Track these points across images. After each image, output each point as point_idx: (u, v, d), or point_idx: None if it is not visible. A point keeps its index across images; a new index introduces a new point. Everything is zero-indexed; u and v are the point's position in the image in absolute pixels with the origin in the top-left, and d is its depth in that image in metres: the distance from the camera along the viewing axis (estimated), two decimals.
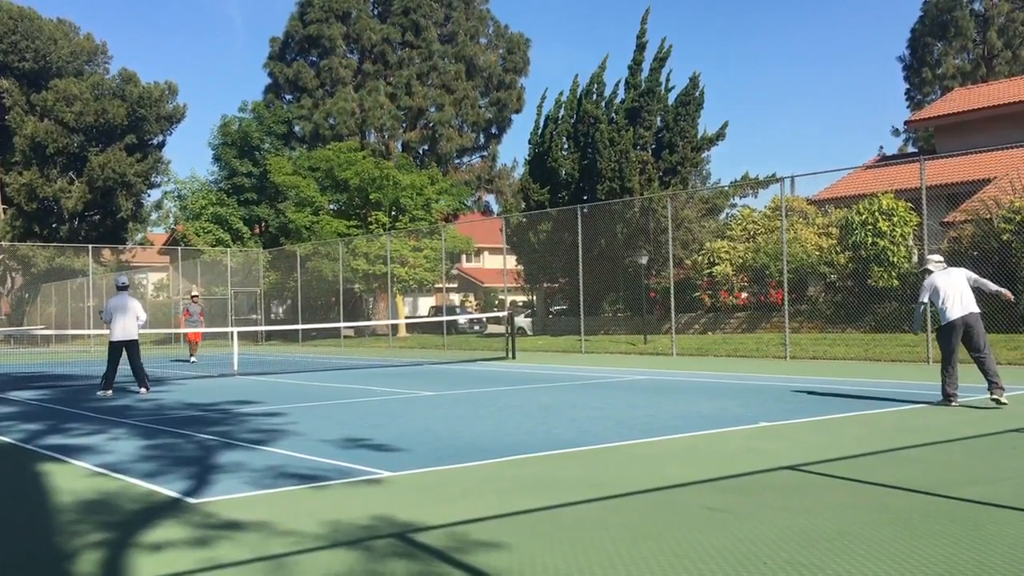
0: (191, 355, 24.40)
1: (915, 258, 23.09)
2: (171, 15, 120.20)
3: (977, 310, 9.96)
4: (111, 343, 14.11)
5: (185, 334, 24.55)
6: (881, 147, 59.93)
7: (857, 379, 13.87)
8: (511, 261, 34.74)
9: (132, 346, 14.06)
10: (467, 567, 4.16)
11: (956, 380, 9.98)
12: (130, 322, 14.04)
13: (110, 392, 13.83)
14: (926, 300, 10.23)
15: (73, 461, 7.55)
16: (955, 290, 9.97)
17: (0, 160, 51.85)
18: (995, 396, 9.69)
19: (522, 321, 34.93)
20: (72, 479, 6.72)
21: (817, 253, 25.60)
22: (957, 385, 9.99)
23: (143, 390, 13.97)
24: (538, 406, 11.00)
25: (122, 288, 14.37)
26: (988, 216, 21.46)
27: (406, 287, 38.49)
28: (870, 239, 22.92)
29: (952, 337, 9.92)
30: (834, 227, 25.95)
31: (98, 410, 11.73)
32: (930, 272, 10.27)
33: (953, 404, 9.89)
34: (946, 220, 24.18)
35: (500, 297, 45.49)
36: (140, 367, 14.15)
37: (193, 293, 25.61)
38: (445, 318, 31.51)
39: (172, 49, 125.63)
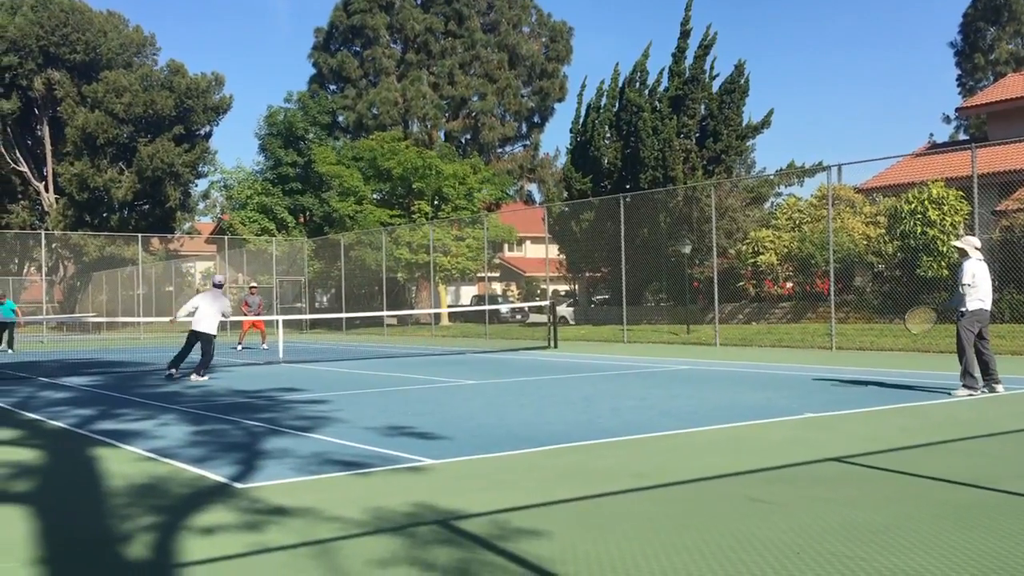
0: (239, 342, 25.17)
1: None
2: (217, 6, 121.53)
3: None
4: (191, 331, 14.62)
5: (241, 324, 25.31)
6: (931, 134, 58.80)
7: (905, 370, 13.67)
8: (553, 250, 34.70)
9: (206, 338, 14.51)
10: (509, 554, 4.19)
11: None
12: (213, 317, 14.48)
13: (174, 372, 14.38)
14: (970, 283, 10.21)
15: (124, 446, 7.72)
16: (987, 281, 10.30)
17: (52, 151, 52.93)
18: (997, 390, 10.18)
19: (564, 310, 34.91)
20: (124, 463, 6.87)
21: (864, 242, 25.23)
22: None
23: (195, 376, 14.25)
24: (580, 395, 11.00)
25: (217, 286, 15.14)
26: None
27: (448, 276, 38.64)
28: (919, 228, 22.52)
29: (981, 323, 10.15)
30: (882, 216, 25.55)
31: (148, 396, 11.96)
32: (968, 256, 10.37)
33: (979, 388, 10.11)
34: (998, 208, 23.68)
35: (542, 286, 45.47)
36: (209, 358, 14.54)
37: (252, 284, 26.26)
38: (487, 307, 31.60)
39: (218, 40, 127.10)
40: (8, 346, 25.33)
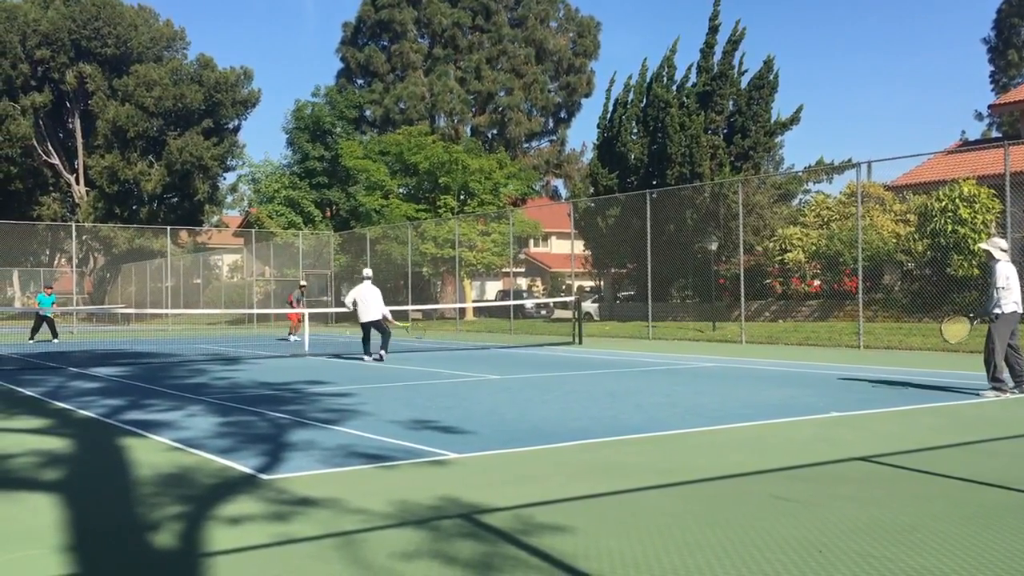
0: (290, 334, 26.18)
1: None
2: (247, 1, 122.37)
3: None
4: (362, 323, 17.04)
5: (289, 316, 26.88)
6: (963, 132, 58.01)
7: (934, 370, 13.52)
8: (579, 246, 34.64)
9: (377, 325, 16.91)
10: (532, 549, 4.20)
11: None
12: (375, 305, 16.92)
13: (367, 358, 16.53)
14: (1004, 285, 10.11)
15: (152, 436, 7.80)
16: (1019, 283, 10.20)
17: (83, 143, 53.54)
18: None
19: (589, 306, 34.85)
20: (151, 453, 6.95)
21: (894, 241, 24.98)
22: None
23: (383, 352, 16.43)
24: (604, 391, 10.99)
25: (367, 279, 17.21)
26: None
27: (474, 271, 38.69)
28: (950, 227, 22.26)
29: (1012, 326, 10.05)
30: (912, 214, 25.28)
31: (175, 387, 12.08)
32: (996, 259, 10.28)
33: (1009, 389, 10.01)
34: None
35: (567, 282, 45.43)
36: (388, 336, 17.03)
37: (302, 283, 27.47)
38: (512, 302, 31.60)
39: (247, 35, 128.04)
40: (53, 336, 25.95)
